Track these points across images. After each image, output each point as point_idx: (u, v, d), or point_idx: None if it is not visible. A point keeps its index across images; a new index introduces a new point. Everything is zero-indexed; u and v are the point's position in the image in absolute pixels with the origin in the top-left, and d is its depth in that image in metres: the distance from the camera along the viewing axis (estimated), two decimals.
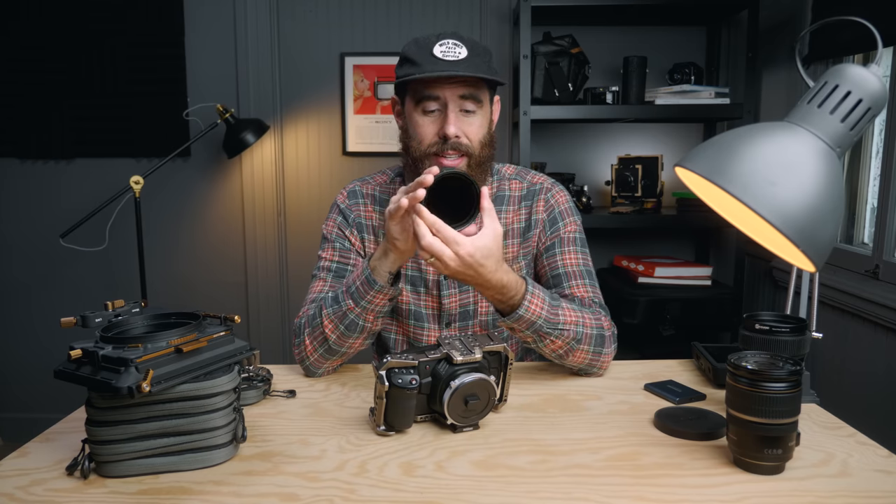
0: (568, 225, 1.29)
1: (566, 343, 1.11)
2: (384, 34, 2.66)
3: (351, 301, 1.12)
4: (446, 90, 1.16)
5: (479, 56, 1.17)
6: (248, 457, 0.88)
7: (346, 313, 1.12)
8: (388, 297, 1.12)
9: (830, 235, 0.73)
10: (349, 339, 1.14)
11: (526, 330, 1.09)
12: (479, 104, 1.19)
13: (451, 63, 1.14)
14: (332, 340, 1.14)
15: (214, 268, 2.78)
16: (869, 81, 0.74)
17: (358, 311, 1.12)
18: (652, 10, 2.43)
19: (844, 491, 0.78)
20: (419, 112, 1.19)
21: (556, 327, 1.10)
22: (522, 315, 1.07)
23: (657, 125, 2.72)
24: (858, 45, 1.93)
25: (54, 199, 2.72)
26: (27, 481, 0.82)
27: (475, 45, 1.18)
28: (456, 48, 1.15)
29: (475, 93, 1.18)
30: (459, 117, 1.18)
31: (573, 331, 1.11)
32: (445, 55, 1.14)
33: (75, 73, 2.63)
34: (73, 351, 0.79)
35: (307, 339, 1.17)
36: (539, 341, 1.11)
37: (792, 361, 0.84)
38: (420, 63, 1.15)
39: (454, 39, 1.16)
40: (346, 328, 1.13)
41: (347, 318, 1.12)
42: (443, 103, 1.17)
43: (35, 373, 2.80)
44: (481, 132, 1.20)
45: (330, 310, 1.14)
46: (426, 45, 1.16)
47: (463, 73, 1.13)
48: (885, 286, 1.81)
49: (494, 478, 0.82)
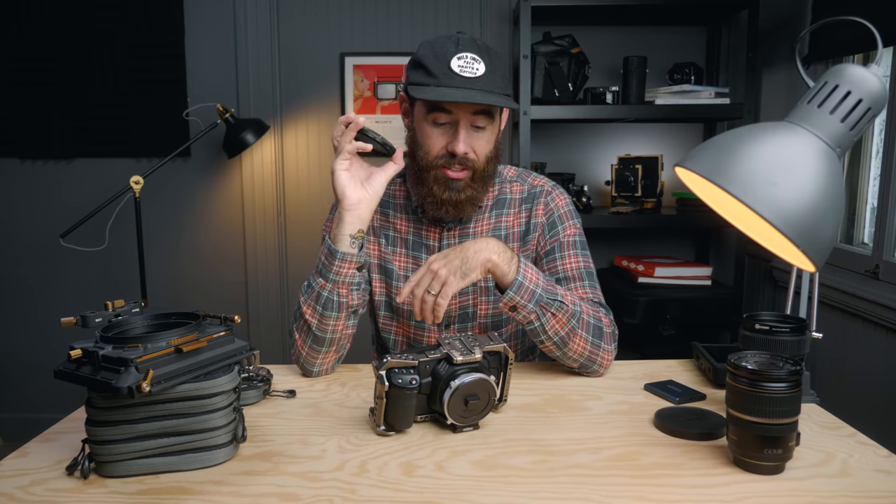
0: (567, 228, 1.29)
1: (567, 320, 1.11)
2: (384, 34, 2.66)
3: (321, 278, 1.14)
4: (460, 108, 1.14)
5: (495, 72, 1.13)
6: (248, 457, 0.88)
7: (320, 292, 1.13)
8: (353, 264, 1.13)
9: (830, 235, 0.73)
10: (329, 319, 1.14)
11: (528, 303, 1.09)
12: (491, 120, 1.17)
13: (468, 80, 1.11)
14: (314, 326, 1.14)
15: (214, 267, 2.78)
16: (869, 81, 0.74)
17: (330, 287, 1.13)
18: (652, 10, 2.43)
19: (844, 491, 0.78)
20: (429, 122, 1.17)
21: (556, 298, 1.10)
22: (522, 282, 1.08)
23: (657, 125, 2.72)
24: (858, 45, 1.93)
25: (54, 199, 2.72)
26: (27, 481, 0.82)
27: (492, 58, 1.14)
28: (474, 63, 1.12)
29: (488, 110, 1.16)
30: (470, 134, 1.16)
31: (571, 307, 1.11)
32: (463, 70, 1.11)
33: (75, 73, 2.63)
34: (73, 351, 0.79)
35: (296, 334, 1.18)
36: (542, 316, 1.10)
37: (792, 361, 0.84)
38: (436, 75, 1.11)
39: (472, 53, 1.12)
40: (323, 308, 1.13)
41: (322, 297, 1.13)
42: (454, 119, 1.15)
43: (35, 373, 2.80)
44: (489, 147, 1.19)
45: (305, 295, 1.16)
46: (444, 56, 1.12)
47: (480, 98, 1.10)
48: (885, 286, 1.81)
49: (494, 478, 0.82)
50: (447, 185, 1.18)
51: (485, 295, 1.29)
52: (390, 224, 1.32)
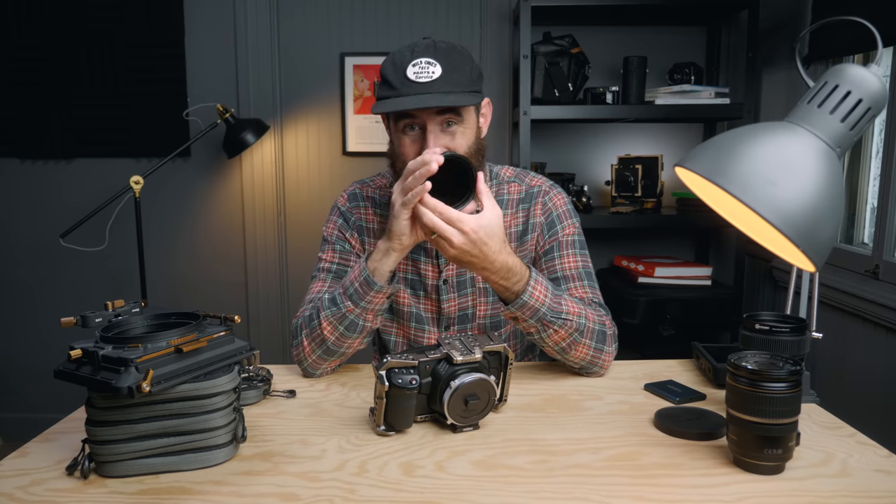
0: (566, 228, 1.28)
1: (569, 334, 1.11)
2: (384, 34, 2.66)
3: (350, 303, 1.12)
4: (422, 113, 1.12)
5: (455, 71, 1.11)
6: (248, 457, 0.88)
7: (346, 315, 1.13)
8: (386, 295, 1.12)
9: (830, 235, 0.73)
10: (349, 339, 1.15)
11: (530, 318, 1.09)
12: (460, 118, 1.15)
13: (424, 85, 1.09)
14: (330, 342, 1.14)
15: (214, 268, 2.78)
16: (869, 81, 0.74)
17: (357, 312, 1.12)
18: (652, 10, 2.43)
19: (844, 491, 0.78)
20: (399, 131, 1.16)
21: (560, 316, 1.10)
22: (526, 301, 1.07)
23: (657, 125, 2.72)
24: (858, 45, 1.93)
25: (54, 199, 2.72)
26: (27, 481, 0.82)
27: (451, 59, 1.12)
28: (429, 67, 1.10)
29: (453, 109, 1.14)
30: (440, 136, 1.14)
31: (576, 322, 1.11)
32: (419, 76, 1.10)
33: (75, 73, 2.62)
34: (73, 351, 0.79)
35: (305, 341, 1.17)
36: (542, 331, 1.10)
37: (792, 361, 0.84)
38: (395, 86, 1.11)
39: (427, 57, 1.10)
40: (346, 329, 1.13)
41: (347, 320, 1.13)
42: (421, 123, 1.14)
43: (35, 373, 2.80)
44: (466, 143, 1.16)
45: (328, 311, 1.14)
46: (401, 65, 1.11)
47: (433, 102, 1.08)
48: (885, 286, 1.81)
49: (494, 478, 0.82)
50: None
51: (484, 296, 1.29)
52: None
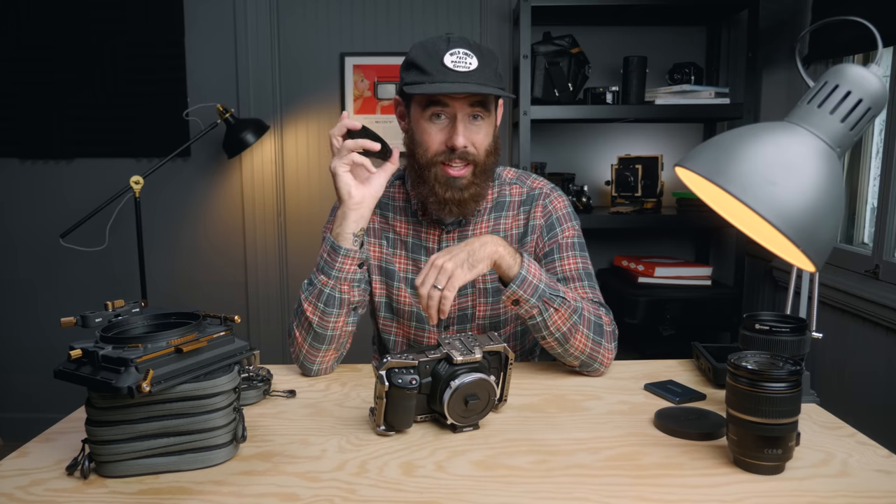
0: (566, 230, 1.29)
1: (569, 315, 1.11)
2: (384, 34, 2.66)
3: (322, 276, 1.15)
4: (457, 101, 1.15)
5: (488, 66, 1.16)
6: (248, 457, 0.88)
7: (322, 289, 1.14)
8: (355, 261, 1.15)
9: (830, 235, 0.73)
10: (330, 316, 1.15)
11: (531, 297, 1.09)
12: (488, 112, 1.19)
13: (462, 74, 1.13)
14: (315, 323, 1.15)
15: (214, 268, 2.78)
16: (869, 81, 0.74)
17: (332, 284, 1.14)
18: (652, 10, 2.43)
19: (844, 491, 0.78)
20: (426, 119, 1.18)
21: (558, 294, 1.11)
22: (525, 276, 1.08)
23: (657, 125, 2.72)
24: (858, 45, 1.93)
25: (54, 199, 2.72)
26: (27, 481, 0.82)
27: (484, 54, 1.16)
28: (467, 58, 1.14)
29: (484, 102, 1.17)
30: (468, 127, 1.17)
31: (573, 303, 1.12)
32: (457, 66, 1.13)
33: (75, 73, 2.62)
34: (73, 351, 0.79)
35: (296, 331, 1.18)
36: (544, 311, 1.10)
37: (792, 361, 0.84)
38: (430, 72, 1.13)
39: (464, 48, 1.14)
40: (326, 305, 1.14)
41: (324, 294, 1.14)
42: (451, 113, 1.17)
43: (35, 373, 2.80)
44: (487, 140, 1.20)
45: (306, 292, 1.16)
46: (436, 53, 1.14)
47: (475, 89, 1.12)
48: (885, 286, 1.81)
49: (494, 478, 0.82)
50: (449, 184, 1.19)
51: (483, 296, 1.29)
52: (390, 226, 1.32)
